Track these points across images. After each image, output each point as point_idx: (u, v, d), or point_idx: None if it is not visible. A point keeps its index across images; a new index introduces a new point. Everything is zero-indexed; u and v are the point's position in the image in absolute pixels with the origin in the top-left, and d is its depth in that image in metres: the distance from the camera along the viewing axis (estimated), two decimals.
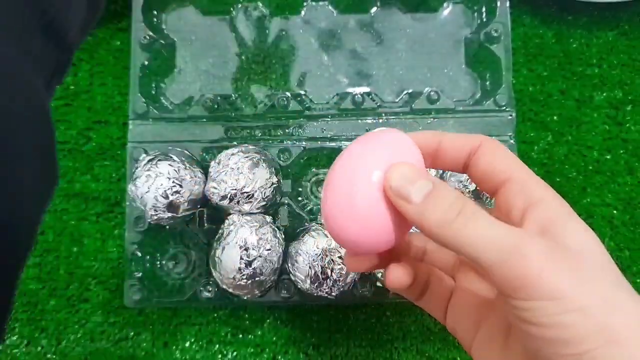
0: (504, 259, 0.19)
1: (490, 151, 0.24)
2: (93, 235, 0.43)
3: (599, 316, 0.18)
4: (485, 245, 0.20)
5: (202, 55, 0.44)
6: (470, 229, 0.20)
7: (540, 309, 0.19)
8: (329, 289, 0.37)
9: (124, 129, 0.43)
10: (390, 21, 0.45)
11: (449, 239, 0.20)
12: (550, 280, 0.19)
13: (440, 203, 0.21)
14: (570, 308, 0.18)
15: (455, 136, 0.24)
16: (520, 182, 0.22)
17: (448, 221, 0.20)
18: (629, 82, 0.46)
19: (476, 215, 0.20)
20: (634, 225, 0.43)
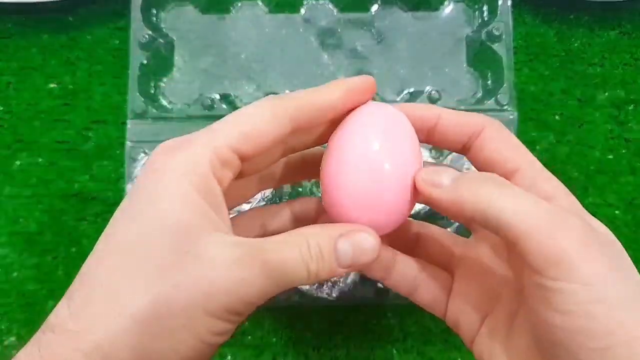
0: (543, 229, 0.18)
1: (495, 137, 0.23)
2: (92, 235, 0.43)
3: (628, 311, 0.18)
4: (523, 213, 0.19)
5: (202, 54, 0.44)
6: (507, 195, 0.19)
7: (571, 294, 0.18)
8: (329, 290, 0.36)
9: (122, 128, 0.43)
10: (391, 20, 0.44)
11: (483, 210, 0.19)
12: (587, 263, 0.18)
13: (472, 180, 0.21)
14: (601, 297, 0.17)
15: (456, 114, 0.24)
16: (530, 177, 0.22)
17: (477, 190, 0.20)
18: (631, 82, 0.45)
19: (510, 185, 0.20)
20: (636, 225, 0.43)
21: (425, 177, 0.22)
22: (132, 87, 0.41)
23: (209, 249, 0.19)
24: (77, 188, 0.44)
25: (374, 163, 0.22)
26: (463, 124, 0.24)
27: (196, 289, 0.18)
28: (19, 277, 0.43)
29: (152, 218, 0.19)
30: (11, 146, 0.45)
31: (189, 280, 0.19)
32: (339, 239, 0.21)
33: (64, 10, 0.46)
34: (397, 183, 0.22)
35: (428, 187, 0.22)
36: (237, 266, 0.19)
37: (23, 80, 0.45)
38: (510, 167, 0.22)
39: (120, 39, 0.46)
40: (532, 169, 0.22)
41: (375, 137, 0.22)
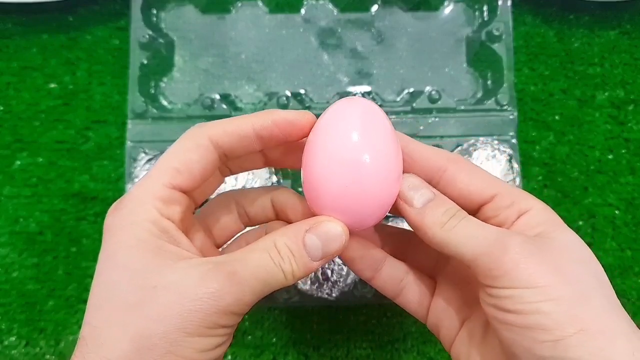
0: (487, 251, 0.21)
1: (463, 172, 0.24)
2: (92, 235, 0.43)
3: (573, 307, 0.19)
4: (471, 242, 0.22)
5: (202, 54, 0.44)
6: (459, 229, 0.22)
7: (519, 297, 0.20)
8: (329, 290, 0.36)
9: (122, 128, 0.43)
10: (391, 20, 0.44)
11: (440, 239, 0.22)
12: (528, 269, 0.20)
13: (437, 209, 0.23)
14: (547, 297, 0.20)
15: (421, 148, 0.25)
16: (508, 197, 0.23)
17: (441, 224, 0.22)
18: (631, 82, 0.45)
19: (466, 219, 0.23)
20: (636, 225, 0.43)
21: (402, 190, 0.24)
22: (132, 87, 0.41)
23: (174, 276, 0.20)
24: (77, 188, 0.44)
25: (351, 155, 0.22)
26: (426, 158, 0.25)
27: (170, 314, 0.20)
28: (19, 277, 0.43)
29: (116, 269, 0.21)
30: (11, 146, 0.45)
31: (160, 309, 0.20)
32: (306, 235, 0.22)
33: (64, 10, 0.46)
34: (375, 176, 0.22)
35: (400, 202, 0.24)
36: (203, 281, 0.20)
37: (23, 80, 0.45)
38: (488, 194, 0.24)
39: (120, 39, 0.46)
40: (508, 192, 0.24)
41: (352, 130, 0.22)
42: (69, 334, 0.42)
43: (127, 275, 0.20)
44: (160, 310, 0.20)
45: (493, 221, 0.24)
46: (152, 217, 0.21)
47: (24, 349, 0.42)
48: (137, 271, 0.20)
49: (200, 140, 0.23)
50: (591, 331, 0.19)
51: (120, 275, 0.21)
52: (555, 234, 0.22)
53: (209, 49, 0.44)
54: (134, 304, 0.20)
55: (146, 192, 0.22)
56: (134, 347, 0.19)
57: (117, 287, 0.20)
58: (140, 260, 0.21)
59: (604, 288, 0.21)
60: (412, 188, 0.23)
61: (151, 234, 0.21)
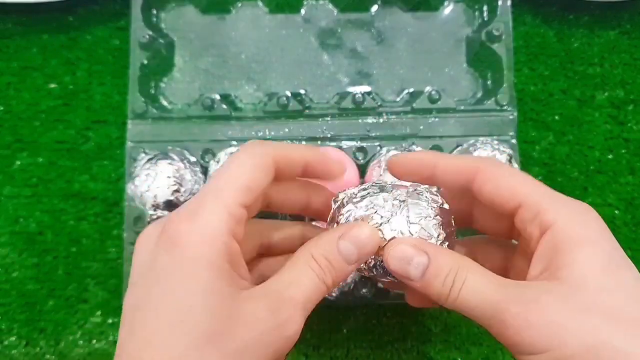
0: (490, 323, 0.21)
1: (491, 178, 0.24)
2: (92, 235, 0.43)
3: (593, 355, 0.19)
4: (475, 311, 0.22)
5: (202, 54, 0.44)
6: (461, 300, 0.22)
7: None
8: None
9: (122, 128, 0.43)
10: (391, 20, 0.44)
11: (452, 307, 0.22)
12: (530, 340, 0.20)
13: (437, 279, 0.22)
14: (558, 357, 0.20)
15: (450, 161, 0.25)
16: (532, 208, 0.23)
17: (445, 295, 0.22)
18: (630, 82, 0.45)
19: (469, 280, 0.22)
20: (636, 225, 0.43)
21: (394, 267, 0.23)
22: (132, 87, 0.41)
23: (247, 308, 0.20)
24: (77, 188, 0.44)
25: None
26: (455, 170, 0.25)
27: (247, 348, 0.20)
28: (19, 277, 0.43)
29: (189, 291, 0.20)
30: (11, 146, 0.45)
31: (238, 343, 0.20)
32: (340, 242, 0.23)
33: (64, 10, 0.46)
34: None
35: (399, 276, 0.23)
36: (273, 314, 0.20)
37: (23, 80, 0.45)
38: (514, 204, 0.23)
39: (121, 39, 0.46)
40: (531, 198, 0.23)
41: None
42: (69, 334, 0.42)
43: (201, 300, 0.19)
44: (241, 342, 0.20)
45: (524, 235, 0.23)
46: (226, 238, 0.21)
47: (24, 349, 0.42)
48: (217, 298, 0.20)
49: (267, 159, 0.23)
50: None
51: (200, 299, 0.19)
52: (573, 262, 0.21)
53: (209, 49, 0.44)
54: (216, 333, 0.19)
55: (222, 207, 0.21)
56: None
57: (197, 313, 0.19)
58: (214, 285, 0.20)
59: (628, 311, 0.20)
60: (404, 260, 0.22)
61: (223, 257, 0.20)
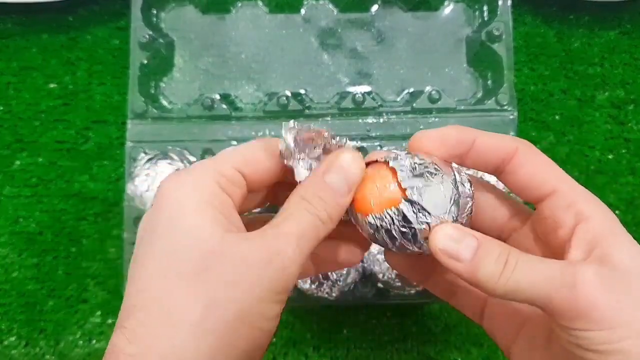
0: (556, 295, 0.20)
1: (530, 160, 0.23)
2: (91, 235, 0.43)
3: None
4: (537, 287, 0.20)
5: (202, 54, 0.44)
6: (519, 276, 0.21)
7: (599, 338, 0.19)
8: (329, 290, 0.36)
9: (122, 128, 0.43)
10: (391, 20, 0.44)
11: (502, 291, 0.21)
12: (606, 310, 0.19)
13: (488, 259, 0.21)
14: (628, 335, 0.19)
15: (489, 136, 0.24)
16: (567, 197, 0.22)
17: (497, 274, 0.21)
18: (630, 82, 0.45)
19: (522, 261, 0.21)
20: (637, 225, 0.43)
21: (442, 246, 0.22)
22: (132, 87, 0.41)
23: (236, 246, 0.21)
24: (77, 188, 0.44)
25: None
26: (496, 147, 0.24)
27: (241, 280, 0.20)
28: (19, 277, 0.43)
29: (180, 234, 0.20)
30: (11, 146, 0.45)
31: (230, 276, 0.20)
32: (325, 176, 0.23)
33: (64, 10, 0.46)
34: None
35: (447, 260, 0.22)
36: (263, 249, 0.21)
37: (23, 80, 0.45)
38: (546, 190, 0.23)
39: (121, 39, 0.46)
40: (567, 187, 0.23)
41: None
42: (69, 334, 0.42)
43: (192, 240, 0.20)
44: (230, 277, 0.20)
45: (549, 221, 0.23)
46: (214, 188, 0.22)
47: (24, 349, 0.42)
48: (202, 238, 0.20)
49: (272, 147, 0.23)
50: None
51: (186, 241, 0.20)
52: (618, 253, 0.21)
53: (209, 49, 0.44)
54: (204, 269, 0.20)
55: (210, 167, 0.22)
56: (206, 313, 0.19)
57: (184, 253, 0.20)
58: (204, 226, 0.20)
59: None
60: (453, 239, 0.22)
61: (208, 203, 0.21)
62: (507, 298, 0.21)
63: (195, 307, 0.19)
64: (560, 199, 0.22)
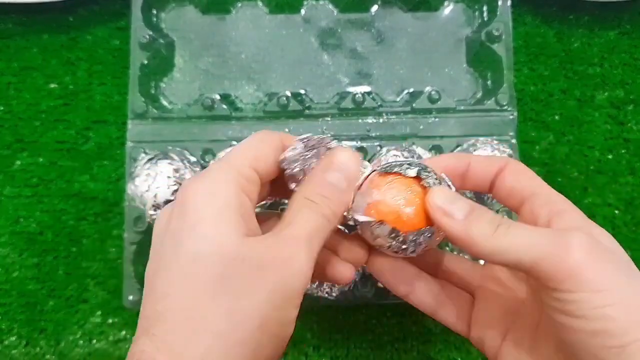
0: (547, 254, 0.20)
1: (515, 171, 0.25)
2: (92, 235, 0.43)
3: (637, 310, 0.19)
4: (528, 247, 0.21)
5: (202, 55, 0.44)
6: (511, 236, 0.21)
7: (586, 301, 0.20)
8: (329, 289, 0.36)
9: (122, 128, 0.43)
10: (391, 20, 0.44)
11: (493, 249, 0.22)
12: (596, 272, 0.20)
13: (481, 219, 0.22)
14: (614, 300, 0.19)
15: (483, 158, 0.27)
16: (544, 195, 0.24)
17: (490, 232, 0.22)
18: (630, 82, 0.45)
19: (515, 225, 0.22)
20: (636, 225, 0.43)
21: (439, 203, 0.23)
22: (132, 87, 0.41)
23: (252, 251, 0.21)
24: (77, 188, 0.44)
25: None
26: (490, 165, 0.26)
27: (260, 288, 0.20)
28: (20, 276, 0.43)
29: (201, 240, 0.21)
30: (11, 146, 0.45)
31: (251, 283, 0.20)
32: (326, 175, 0.23)
33: (65, 10, 0.46)
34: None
35: (440, 215, 0.23)
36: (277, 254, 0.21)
37: (23, 80, 0.46)
38: (527, 193, 0.25)
39: (121, 39, 0.46)
40: (545, 189, 0.24)
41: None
42: (69, 334, 0.42)
43: (214, 247, 0.21)
44: (249, 285, 0.20)
45: (529, 218, 0.24)
46: (236, 191, 0.22)
47: (24, 349, 0.42)
48: (224, 244, 0.21)
49: (275, 142, 0.24)
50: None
51: (208, 248, 0.21)
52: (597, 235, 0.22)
53: (209, 49, 0.44)
54: (226, 277, 0.20)
55: (230, 168, 0.23)
56: (230, 322, 0.20)
57: (206, 260, 0.20)
58: (226, 232, 0.21)
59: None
60: (449, 201, 0.23)
61: (230, 207, 0.22)
62: (495, 259, 0.22)
63: (220, 317, 0.20)
64: (538, 198, 0.24)
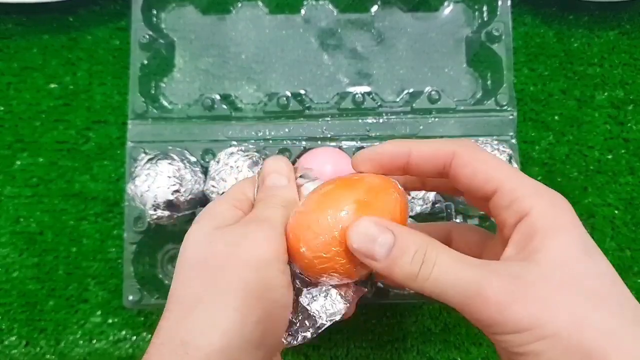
0: (468, 302, 0.20)
1: (467, 162, 0.23)
2: (92, 235, 0.43)
3: (571, 337, 0.19)
4: (449, 292, 0.20)
5: (202, 55, 0.44)
6: (434, 278, 0.21)
7: (513, 341, 0.20)
8: None
9: (123, 128, 0.43)
10: (391, 20, 0.44)
11: (418, 289, 0.21)
12: (514, 316, 0.19)
13: (404, 258, 0.21)
14: (541, 335, 0.19)
15: (426, 145, 0.24)
16: (509, 194, 0.22)
17: (413, 275, 0.21)
18: (630, 82, 0.45)
19: (440, 260, 0.21)
20: (636, 225, 0.43)
21: (357, 246, 0.22)
22: (132, 88, 0.41)
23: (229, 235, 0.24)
24: (77, 188, 0.44)
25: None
26: (433, 153, 0.24)
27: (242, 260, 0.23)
28: (20, 276, 0.43)
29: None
30: (12, 146, 0.45)
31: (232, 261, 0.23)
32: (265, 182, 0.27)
33: (65, 10, 0.46)
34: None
35: (364, 259, 0.22)
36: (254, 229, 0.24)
37: (24, 80, 0.46)
38: (490, 188, 0.22)
39: (121, 39, 0.46)
40: (508, 183, 0.22)
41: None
42: (69, 334, 0.42)
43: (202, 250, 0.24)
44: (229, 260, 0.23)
45: (498, 219, 0.23)
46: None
47: (24, 349, 0.42)
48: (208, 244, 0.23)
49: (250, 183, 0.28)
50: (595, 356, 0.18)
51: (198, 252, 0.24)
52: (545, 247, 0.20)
53: (209, 49, 0.44)
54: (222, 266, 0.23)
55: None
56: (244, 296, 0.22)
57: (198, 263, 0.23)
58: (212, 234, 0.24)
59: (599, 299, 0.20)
60: (368, 238, 0.21)
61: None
62: (431, 297, 0.21)
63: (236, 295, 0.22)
64: (501, 198, 0.22)
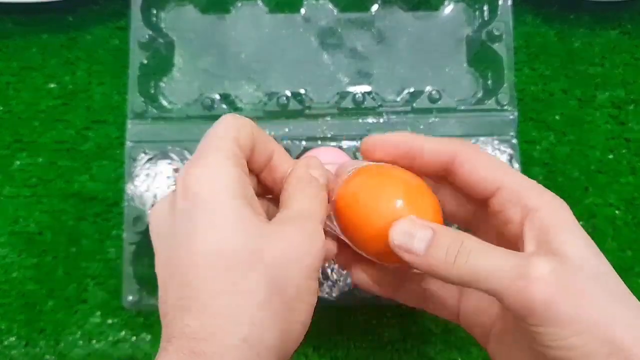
0: (510, 287, 0.20)
1: (470, 160, 0.24)
2: (91, 235, 0.43)
3: (605, 332, 0.19)
4: (489, 277, 0.21)
5: (201, 54, 0.44)
6: (470, 265, 0.21)
7: (551, 334, 0.20)
8: (329, 290, 0.36)
9: (122, 128, 0.43)
10: (391, 19, 0.44)
11: (457, 279, 0.22)
12: (558, 308, 0.20)
13: (441, 249, 0.22)
14: (579, 330, 0.20)
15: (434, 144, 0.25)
16: (514, 191, 0.23)
17: (450, 261, 0.22)
18: (631, 82, 0.45)
19: (475, 250, 0.22)
20: (637, 226, 0.43)
21: (398, 241, 0.23)
22: (132, 87, 0.41)
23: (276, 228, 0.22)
24: (76, 188, 0.44)
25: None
26: (438, 153, 0.25)
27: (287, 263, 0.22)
28: (19, 277, 0.43)
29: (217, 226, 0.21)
30: (11, 146, 0.45)
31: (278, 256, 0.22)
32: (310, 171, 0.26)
33: (64, 10, 0.46)
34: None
35: (403, 253, 0.23)
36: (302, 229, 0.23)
37: (23, 80, 0.45)
38: (492, 187, 0.23)
39: (120, 39, 0.46)
40: (512, 181, 0.23)
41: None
42: (69, 334, 0.42)
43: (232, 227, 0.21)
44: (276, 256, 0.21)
45: (500, 216, 0.23)
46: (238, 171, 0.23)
47: (24, 349, 0.42)
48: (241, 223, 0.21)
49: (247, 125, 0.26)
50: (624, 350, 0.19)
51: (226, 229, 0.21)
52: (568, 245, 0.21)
53: (209, 49, 0.44)
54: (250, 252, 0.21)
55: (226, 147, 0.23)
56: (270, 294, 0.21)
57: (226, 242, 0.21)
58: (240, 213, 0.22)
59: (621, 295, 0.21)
60: (407, 234, 0.23)
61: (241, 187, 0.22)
62: (465, 285, 0.22)
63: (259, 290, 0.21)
64: (505, 195, 0.23)
